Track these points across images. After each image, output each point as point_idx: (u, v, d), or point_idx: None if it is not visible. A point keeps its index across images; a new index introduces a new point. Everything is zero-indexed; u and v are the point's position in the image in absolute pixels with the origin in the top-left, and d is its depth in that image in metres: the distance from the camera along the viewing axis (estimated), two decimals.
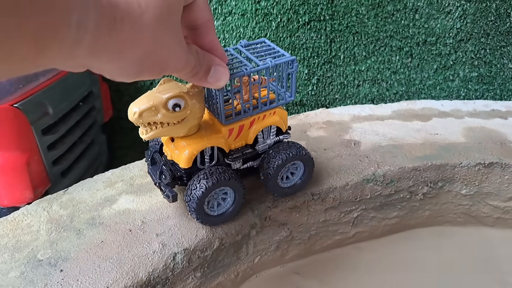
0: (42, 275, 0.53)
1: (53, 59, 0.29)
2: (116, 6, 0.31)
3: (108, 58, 0.33)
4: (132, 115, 0.49)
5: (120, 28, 0.32)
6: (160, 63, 0.38)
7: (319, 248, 0.79)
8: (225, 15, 1.27)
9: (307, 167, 0.67)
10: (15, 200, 0.98)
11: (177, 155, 0.56)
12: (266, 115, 0.61)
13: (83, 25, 0.29)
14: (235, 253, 0.68)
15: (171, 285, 0.59)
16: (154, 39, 0.35)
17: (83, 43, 0.30)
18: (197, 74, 0.44)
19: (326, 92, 1.40)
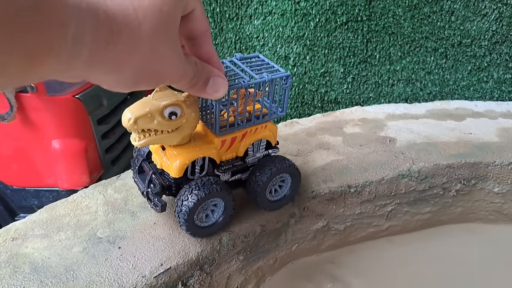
0: (103, 251, 0.57)
1: (49, 72, 0.29)
2: (114, 19, 0.31)
3: (105, 70, 0.33)
4: (127, 121, 0.47)
5: (118, 40, 0.31)
6: (158, 74, 0.38)
7: (353, 240, 0.82)
8: (265, 14, 1.30)
9: (294, 180, 0.66)
10: (74, 184, 1.05)
11: (167, 164, 0.55)
12: (258, 129, 0.60)
13: (80, 39, 0.29)
14: (275, 240, 0.71)
15: (217, 266, 0.62)
16: (151, 50, 0.35)
17: (80, 57, 0.29)
18: (196, 84, 0.44)
19: (360, 91, 1.42)
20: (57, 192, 1.08)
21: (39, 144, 1.03)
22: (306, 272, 0.76)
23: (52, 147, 1.01)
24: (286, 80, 0.57)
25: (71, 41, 0.28)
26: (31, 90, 0.95)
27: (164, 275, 0.55)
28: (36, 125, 0.99)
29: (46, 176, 1.08)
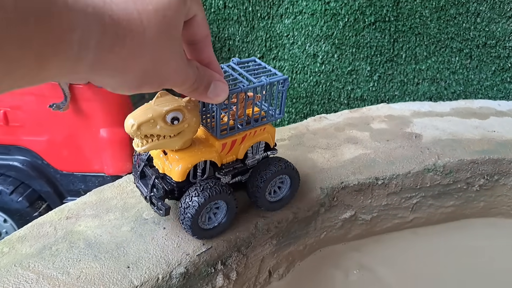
0: (149, 230, 0.61)
1: (55, 74, 0.29)
2: (119, 24, 0.31)
3: (110, 73, 0.33)
4: (130, 127, 0.47)
5: (122, 45, 0.32)
6: (161, 78, 0.38)
7: (379, 230, 0.84)
8: (296, 14, 1.33)
9: (293, 181, 0.67)
10: (119, 170, 1.11)
11: (170, 168, 0.55)
12: (257, 131, 0.61)
13: (85, 43, 0.29)
14: (305, 227, 0.75)
15: (252, 248, 0.66)
16: (155, 55, 0.35)
17: (85, 60, 0.30)
18: (198, 89, 0.44)
19: (386, 89, 1.44)
20: (103, 177, 1.14)
21: (88, 132, 1.09)
22: (334, 259, 0.79)
23: (100, 135, 1.07)
24: (283, 83, 0.58)
25: (77, 44, 0.29)
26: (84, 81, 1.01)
27: (206, 254, 0.59)
28: (86, 114, 1.05)
29: (94, 162, 1.14)
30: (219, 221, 0.60)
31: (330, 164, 0.81)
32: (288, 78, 0.58)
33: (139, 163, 0.61)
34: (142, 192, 0.59)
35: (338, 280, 0.75)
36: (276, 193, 0.67)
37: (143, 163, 0.60)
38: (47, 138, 1.15)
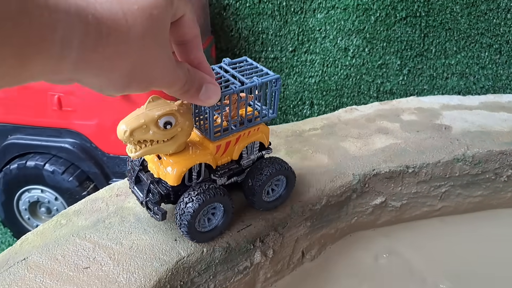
0: None
1: (38, 74, 0.29)
2: (102, 23, 0.31)
3: (95, 72, 0.33)
4: (123, 134, 0.46)
5: (106, 43, 0.31)
6: (148, 78, 0.37)
7: (408, 217, 0.86)
8: (328, 9, 1.35)
9: (289, 181, 0.66)
10: None
11: (165, 173, 0.54)
12: (251, 132, 0.60)
13: (68, 42, 0.29)
14: (337, 212, 0.77)
15: (288, 229, 0.69)
16: (141, 54, 0.35)
17: (68, 59, 0.30)
18: (189, 91, 0.44)
19: (415, 83, 1.45)
20: None
21: None
22: (363, 244, 0.82)
23: None
24: (275, 82, 0.57)
25: (59, 43, 0.28)
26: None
27: (246, 231, 0.62)
28: (134, 100, 1.10)
29: None
30: (216, 224, 0.59)
31: (362, 152, 0.83)
32: (280, 77, 0.57)
33: (133, 168, 0.59)
34: (138, 197, 0.57)
35: (367, 263, 0.78)
36: (272, 193, 0.65)
37: (137, 168, 0.58)
38: (96, 123, 1.20)
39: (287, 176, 0.64)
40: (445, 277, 0.74)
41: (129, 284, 0.52)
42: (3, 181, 1.54)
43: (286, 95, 1.62)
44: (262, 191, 0.61)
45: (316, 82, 1.53)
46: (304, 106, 1.62)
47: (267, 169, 0.60)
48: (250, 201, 0.63)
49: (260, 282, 0.68)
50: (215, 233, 0.59)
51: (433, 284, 0.72)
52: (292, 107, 1.65)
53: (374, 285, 0.73)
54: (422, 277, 0.74)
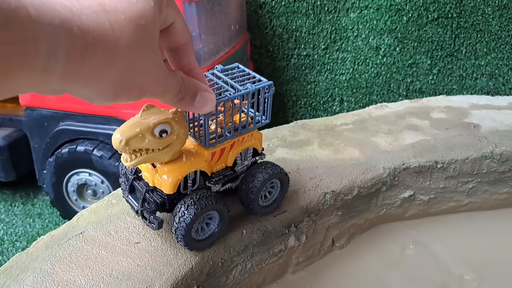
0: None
1: (23, 86, 0.29)
2: (88, 34, 0.30)
3: (83, 83, 0.32)
4: (118, 143, 0.45)
5: (93, 54, 0.31)
6: (137, 88, 0.36)
7: (435, 211, 0.88)
8: (362, 8, 1.36)
9: (283, 183, 0.64)
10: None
11: (160, 181, 0.53)
12: (245, 138, 0.59)
13: (53, 54, 0.28)
14: (367, 203, 0.79)
15: (321, 217, 0.71)
16: (129, 64, 0.34)
17: (55, 71, 0.29)
18: (183, 99, 0.43)
19: (445, 82, 1.46)
20: None
21: None
22: (391, 235, 0.84)
23: None
24: (268, 89, 0.56)
25: (44, 56, 0.28)
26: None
27: (282, 216, 0.65)
28: None
29: None
30: (212, 231, 0.57)
31: (392, 147, 0.85)
32: (273, 84, 0.57)
33: (127, 177, 0.57)
34: (133, 206, 0.56)
35: (394, 253, 0.80)
36: (267, 198, 0.64)
37: (131, 177, 0.57)
38: None
39: (281, 179, 0.63)
40: (470, 269, 0.75)
41: (176, 258, 0.55)
42: (54, 164, 1.63)
43: (317, 92, 1.64)
44: (258, 196, 0.60)
45: (346, 80, 1.54)
46: (334, 102, 1.64)
47: (261, 174, 0.59)
48: (247, 207, 0.62)
49: (292, 266, 0.71)
50: (210, 242, 0.58)
51: (458, 275, 0.74)
52: (322, 103, 1.67)
53: (400, 273, 0.75)
54: (447, 268, 0.75)
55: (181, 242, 0.54)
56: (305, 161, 0.79)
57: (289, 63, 1.59)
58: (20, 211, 1.60)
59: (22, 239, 1.49)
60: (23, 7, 0.26)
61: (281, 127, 0.93)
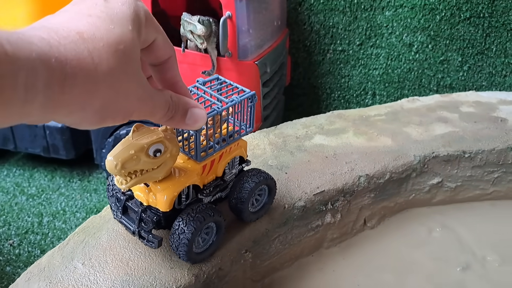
0: (275, 174, 0.72)
1: (6, 119, 0.28)
2: (67, 63, 0.30)
3: (66, 112, 0.31)
4: (114, 167, 0.43)
5: (73, 84, 0.30)
6: (123, 110, 0.35)
7: (461, 198, 0.90)
8: (397, 7, 1.38)
9: (271, 188, 0.63)
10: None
11: (155, 199, 0.50)
12: (232, 147, 0.58)
13: (32, 86, 0.28)
14: (398, 187, 0.82)
15: (355, 197, 0.75)
16: (111, 90, 0.33)
17: (35, 103, 0.29)
18: (174, 117, 0.42)
19: (474, 79, 1.46)
20: None
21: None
22: (419, 219, 0.86)
23: None
24: (252, 99, 0.56)
25: (22, 89, 0.27)
26: (228, 55, 1.17)
27: (320, 195, 0.69)
28: None
29: None
30: (210, 242, 0.56)
31: (422, 137, 0.87)
32: (255, 94, 0.56)
33: (118, 198, 0.55)
34: (129, 227, 0.53)
35: (422, 235, 0.82)
36: (256, 203, 0.63)
37: (123, 198, 0.54)
38: None
39: (268, 184, 0.62)
40: (492, 251, 0.77)
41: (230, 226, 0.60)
42: (113, 144, 1.70)
43: (350, 85, 1.67)
44: (247, 205, 0.60)
45: (379, 74, 1.56)
46: (366, 96, 1.66)
47: (249, 183, 0.58)
48: (238, 215, 0.61)
49: (327, 241, 0.75)
50: (210, 252, 0.56)
51: (480, 256, 0.76)
52: (355, 97, 1.69)
53: (427, 253, 0.78)
54: (471, 250, 0.78)
55: (184, 257, 0.52)
56: (341, 147, 0.83)
57: (325, 58, 1.62)
58: (78, 187, 1.69)
59: (81, 210, 1.58)
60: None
61: (318, 116, 0.96)
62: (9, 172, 1.77)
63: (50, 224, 1.51)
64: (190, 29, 1.21)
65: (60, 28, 0.31)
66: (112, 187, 0.55)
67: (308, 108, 1.82)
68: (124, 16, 0.35)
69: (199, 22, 1.20)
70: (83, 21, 0.33)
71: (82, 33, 0.32)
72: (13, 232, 1.47)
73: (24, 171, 1.78)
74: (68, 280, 0.51)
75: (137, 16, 0.36)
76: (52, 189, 1.68)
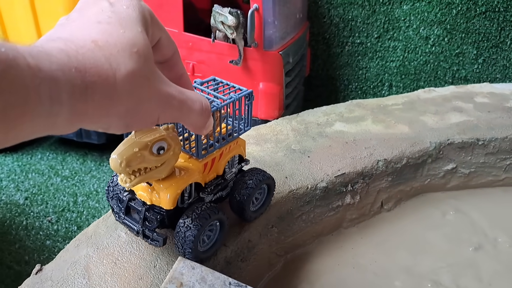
0: (297, 157, 0.74)
1: (29, 133, 0.28)
2: (86, 72, 0.29)
3: (91, 120, 0.31)
4: (119, 165, 0.41)
5: (93, 91, 0.29)
6: (148, 114, 0.34)
7: (474, 184, 0.91)
8: (414, 1, 1.39)
9: (270, 188, 0.61)
10: (268, 115, 1.31)
11: (158, 198, 0.49)
12: (231, 146, 0.56)
13: (57, 98, 0.27)
14: (414, 172, 0.84)
15: (373, 180, 0.77)
16: (133, 93, 0.32)
17: (61, 113, 0.28)
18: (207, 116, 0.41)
19: (489, 72, 1.46)
20: (255, 121, 1.33)
21: (250, 84, 1.30)
22: (433, 203, 0.88)
23: (259, 87, 1.24)
24: (249, 97, 0.55)
25: (47, 100, 0.27)
26: (254, 45, 1.21)
27: (341, 177, 0.71)
28: (251, 70, 1.23)
29: None
30: (214, 241, 0.54)
31: (438, 125, 0.89)
32: (252, 92, 0.55)
33: (120, 199, 0.53)
34: (133, 227, 0.51)
35: (436, 217, 0.84)
36: (256, 202, 0.62)
37: (126, 198, 0.52)
38: None
39: (268, 184, 0.61)
40: (504, 233, 0.79)
41: None
42: None
43: (368, 77, 1.68)
44: (250, 203, 0.58)
45: (396, 66, 1.57)
46: (383, 87, 1.67)
47: (251, 182, 0.57)
48: (240, 214, 0.59)
49: (346, 221, 0.77)
50: (216, 248, 0.55)
51: (492, 237, 0.78)
52: (372, 88, 1.70)
53: (440, 234, 0.79)
54: (483, 232, 0.79)
55: (189, 255, 0.50)
56: (360, 133, 0.85)
57: (343, 50, 1.63)
58: (108, 170, 1.75)
59: None
60: (21, 56, 0.25)
61: (338, 105, 0.98)
62: (43, 155, 1.83)
63: (84, 203, 1.57)
64: (221, 20, 1.25)
65: (75, 38, 0.31)
66: (112, 189, 0.54)
67: (326, 99, 1.83)
68: (132, 19, 0.34)
69: (230, 13, 1.23)
70: (95, 29, 0.32)
71: (97, 41, 0.31)
72: (50, 210, 1.52)
73: (57, 155, 1.83)
74: (113, 246, 0.55)
75: (143, 17, 0.35)
76: (84, 172, 1.73)
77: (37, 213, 1.50)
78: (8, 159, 1.79)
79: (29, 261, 1.30)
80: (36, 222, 1.45)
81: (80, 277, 0.49)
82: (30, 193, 1.60)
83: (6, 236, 1.38)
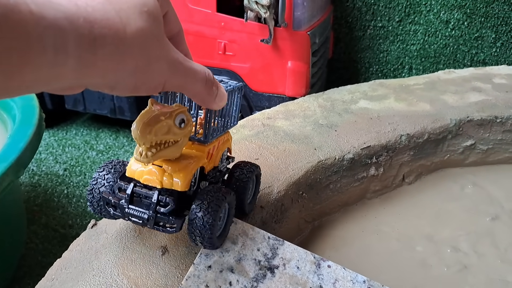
0: (325, 131, 0.75)
1: (30, 83, 0.25)
2: (95, 24, 0.27)
3: (99, 74, 0.29)
4: (146, 133, 0.37)
5: (103, 43, 0.27)
6: (156, 74, 0.32)
7: (492, 160, 0.91)
8: None
9: (257, 179, 0.57)
10: (295, 93, 1.32)
11: (169, 180, 0.43)
12: (224, 138, 0.53)
13: (62, 48, 0.25)
14: (435, 148, 0.84)
15: (396, 153, 0.78)
16: (142, 51, 0.30)
17: (66, 65, 0.26)
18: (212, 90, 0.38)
19: (507, 55, 1.44)
20: (283, 98, 1.35)
21: (279, 63, 1.30)
22: (452, 177, 0.88)
23: (288, 66, 1.25)
24: (240, 90, 0.52)
25: (51, 49, 0.25)
26: (284, 25, 1.22)
27: (366, 149, 0.72)
28: (280, 49, 1.24)
29: (278, 86, 1.35)
30: (223, 226, 0.48)
31: (458, 103, 0.88)
32: (242, 85, 0.52)
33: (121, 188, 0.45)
34: (142, 215, 0.43)
35: (455, 191, 0.85)
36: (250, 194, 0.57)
37: (131, 185, 0.44)
38: (249, 65, 1.35)
39: (257, 175, 0.56)
40: None
41: (287, 171, 0.64)
42: None
43: (388, 60, 1.66)
44: (247, 196, 0.54)
45: (416, 50, 1.55)
46: (403, 70, 1.66)
47: (243, 175, 0.53)
48: (239, 206, 0.54)
49: (370, 192, 0.79)
50: (223, 239, 0.49)
51: (508, 209, 0.78)
52: (392, 71, 1.69)
53: (459, 206, 0.80)
54: (500, 204, 0.80)
55: (207, 242, 0.45)
56: (383, 110, 0.85)
57: (365, 33, 1.62)
58: None
59: None
60: (23, 2, 0.23)
61: (362, 84, 0.98)
62: (77, 131, 1.87)
63: None
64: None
65: None
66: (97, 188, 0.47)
67: (347, 81, 1.82)
68: None
69: None
70: None
71: None
72: (89, 181, 1.56)
73: (91, 131, 1.87)
74: None
75: None
76: (118, 147, 1.77)
77: (77, 183, 1.54)
78: (45, 134, 1.83)
79: (72, 225, 1.35)
80: (76, 191, 1.50)
81: (132, 230, 0.51)
82: (69, 165, 1.64)
83: (50, 203, 1.43)
